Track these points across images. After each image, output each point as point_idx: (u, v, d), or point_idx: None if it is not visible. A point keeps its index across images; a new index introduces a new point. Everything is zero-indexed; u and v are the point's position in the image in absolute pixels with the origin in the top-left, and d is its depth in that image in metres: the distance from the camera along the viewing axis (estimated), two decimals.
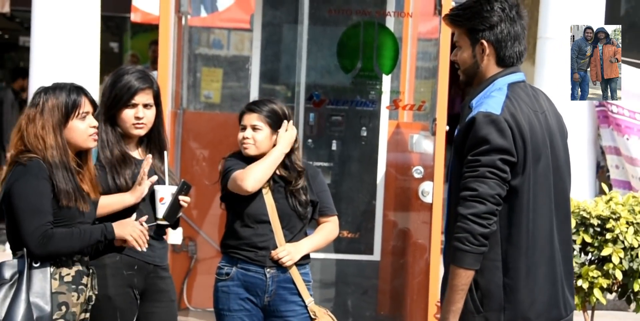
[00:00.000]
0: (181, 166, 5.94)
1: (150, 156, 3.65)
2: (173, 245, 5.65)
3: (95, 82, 7.06)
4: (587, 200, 5.21)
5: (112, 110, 3.71)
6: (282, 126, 3.92)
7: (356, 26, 5.85)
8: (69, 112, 3.30)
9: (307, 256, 4.00)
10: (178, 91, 6.12)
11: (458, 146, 2.93)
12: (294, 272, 3.90)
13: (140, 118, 3.69)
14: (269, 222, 3.89)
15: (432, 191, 5.17)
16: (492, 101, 2.90)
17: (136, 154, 3.78)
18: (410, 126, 6.21)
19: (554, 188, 2.96)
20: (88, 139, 3.35)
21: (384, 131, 5.93)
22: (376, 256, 5.95)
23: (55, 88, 3.34)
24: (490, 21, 2.96)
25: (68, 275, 3.25)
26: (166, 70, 5.00)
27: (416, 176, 5.59)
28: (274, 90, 6.12)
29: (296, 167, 3.95)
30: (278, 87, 6.15)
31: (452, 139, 3.04)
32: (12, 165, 3.24)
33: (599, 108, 7.17)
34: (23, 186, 3.18)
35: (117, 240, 3.40)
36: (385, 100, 5.90)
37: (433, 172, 5.16)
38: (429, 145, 5.49)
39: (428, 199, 5.26)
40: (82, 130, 3.33)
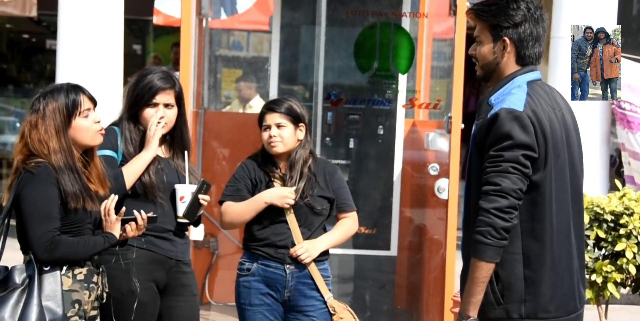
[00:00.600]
0: (202, 164, 5.94)
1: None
2: (195, 241, 5.65)
3: (119, 83, 7.08)
4: (601, 196, 5.19)
5: (134, 108, 3.72)
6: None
7: (373, 27, 5.83)
8: (71, 113, 3.24)
9: (326, 252, 3.97)
10: (199, 91, 6.12)
11: (479, 142, 2.91)
12: (313, 269, 3.88)
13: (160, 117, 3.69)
14: (286, 221, 3.88)
15: (448, 188, 5.14)
16: (514, 98, 2.89)
17: (159, 152, 3.77)
18: (425, 124, 6.19)
19: (570, 183, 2.96)
20: (95, 135, 3.30)
21: (400, 129, 5.92)
22: (393, 251, 5.95)
23: (52, 91, 3.27)
24: (515, 19, 2.94)
25: (80, 274, 3.24)
26: (188, 71, 5.00)
27: (432, 173, 5.56)
28: (293, 90, 6.11)
29: (295, 167, 3.90)
30: (296, 87, 6.15)
31: (467, 137, 3.01)
32: (19, 171, 3.20)
33: (613, 106, 7.13)
34: (31, 192, 3.14)
35: (120, 236, 3.37)
36: (401, 99, 5.89)
37: (448, 169, 5.14)
38: (445, 142, 5.46)
39: (444, 196, 5.23)
40: (88, 127, 3.27)
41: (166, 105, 3.72)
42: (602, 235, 4.97)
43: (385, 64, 5.85)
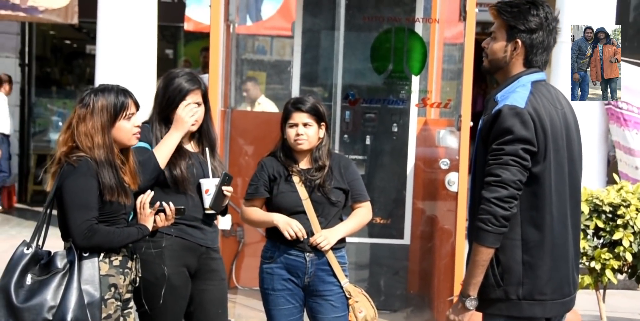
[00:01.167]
0: (229, 159, 5.97)
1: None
2: (223, 230, 5.68)
3: (152, 85, 7.14)
4: (600, 189, 5.18)
5: (166, 110, 3.72)
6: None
7: (388, 32, 5.84)
8: (117, 113, 3.25)
9: (343, 240, 3.97)
10: (227, 92, 6.14)
11: (484, 135, 2.93)
12: (330, 256, 3.87)
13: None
14: (305, 212, 3.87)
15: (457, 181, 5.14)
16: (517, 96, 2.90)
17: (189, 147, 3.79)
18: (437, 122, 6.18)
19: (569, 177, 2.96)
20: (132, 137, 3.32)
21: (413, 127, 5.92)
22: (406, 240, 5.95)
23: (103, 89, 3.28)
24: (531, 25, 2.94)
25: (116, 260, 3.27)
26: (216, 73, 5.02)
27: (443, 168, 5.56)
28: (313, 91, 6.12)
29: (319, 162, 3.92)
30: (316, 88, 6.16)
31: (476, 133, 3.03)
32: (62, 163, 3.21)
33: (607, 106, 7.10)
34: (72, 184, 3.16)
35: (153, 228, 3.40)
36: (414, 98, 5.89)
37: (458, 164, 5.13)
38: (454, 139, 5.46)
39: (454, 189, 5.23)
40: (128, 129, 3.30)
41: (195, 104, 3.74)
42: (601, 225, 4.97)
43: (399, 66, 5.86)
